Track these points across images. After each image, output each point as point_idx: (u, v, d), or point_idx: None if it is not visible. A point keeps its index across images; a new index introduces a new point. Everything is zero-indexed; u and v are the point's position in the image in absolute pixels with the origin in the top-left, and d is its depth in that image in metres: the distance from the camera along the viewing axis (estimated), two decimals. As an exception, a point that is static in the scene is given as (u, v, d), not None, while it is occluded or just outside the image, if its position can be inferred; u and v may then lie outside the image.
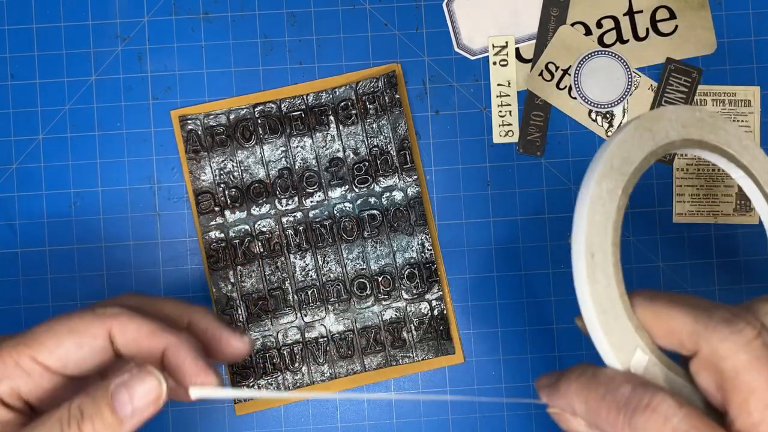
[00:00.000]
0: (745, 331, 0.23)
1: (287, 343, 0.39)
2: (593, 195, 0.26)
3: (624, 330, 0.26)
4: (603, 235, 0.26)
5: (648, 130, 0.28)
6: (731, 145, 0.30)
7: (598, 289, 0.26)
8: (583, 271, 0.26)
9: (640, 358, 0.25)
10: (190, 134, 0.40)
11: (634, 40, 0.41)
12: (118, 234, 0.40)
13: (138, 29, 0.41)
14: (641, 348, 0.26)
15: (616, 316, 0.26)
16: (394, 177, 0.40)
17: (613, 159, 0.27)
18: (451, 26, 0.41)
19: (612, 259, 0.26)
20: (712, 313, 0.24)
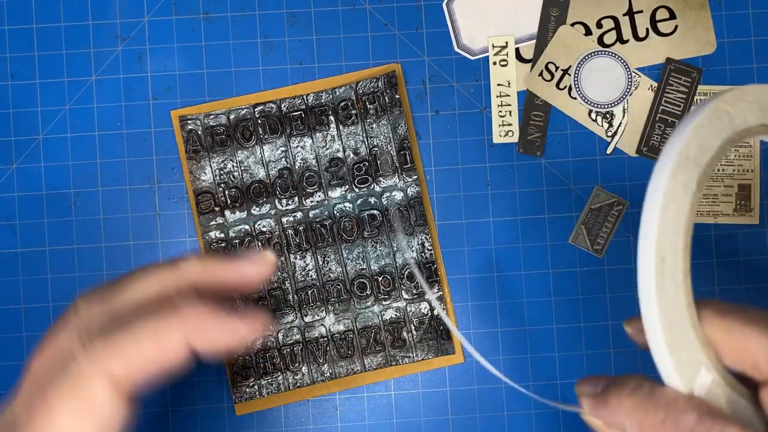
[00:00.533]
0: None
1: (287, 343, 0.40)
2: (667, 190, 0.23)
3: (689, 346, 0.23)
4: (675, 236, 0.23)
5: (727, 112, 0.24)
6: None
7: (667, 299, 0.23)
8: (652, 278, 0.23)
9: (705, 378, 0.23)
10: (190, 134, 0.40)
11: (634, 40, 0.41)
12: (118, 234, 0.40)
13: (138, 29, 0.41)
14: (706, 366, 0.23)
15: (683, 331, 0.23)
16: (394, 177, 0.40)
17: (690, 147, 0.24)
18: (451, 26, 0.41)
19: (683, 265, 0.23)
20: None
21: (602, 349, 0.40)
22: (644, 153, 0.40)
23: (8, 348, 0.40)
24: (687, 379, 0.23)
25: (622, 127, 0.40)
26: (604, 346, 0.40)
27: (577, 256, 0.40)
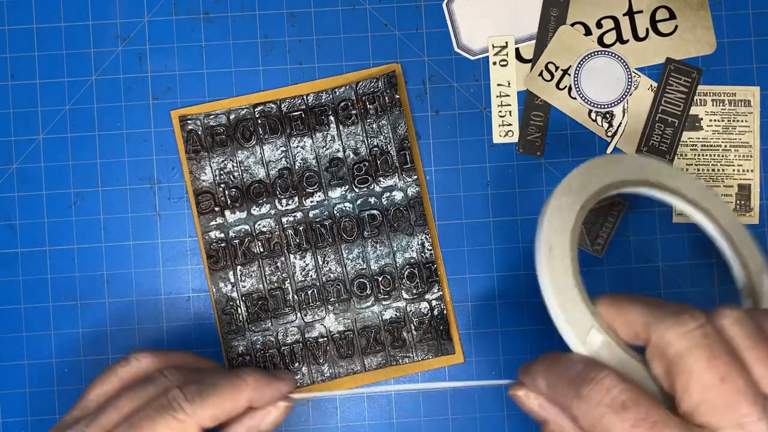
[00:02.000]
0: (687, 321, 0.26)
1: (287, 343, 0.40)
2: (553, 205, 0.31)
3: (580, 312, 0.29)
4: (561, 236, 0.30)
5: (605, 169, 0.33)
6: (689, 191, 0.34)
7: (556, 275, 0.29)
8: (542, 259, 0.30)
9: (595, 338, 0.28)
10: (190, 134, 0.40)
11: (634, 40, 0.41)
12: (118, 234, 0.40)
13: (138, 29, 0.41)
14: (596, 328, 0.28)
15: (573, 300, 0.29)
16: (394, 177, 0.40)
17: (572, 182, 0.32)
18: (451, 26, 0.41)
19: (570, 255, 0.30)
20: (663, 306, 0.27)
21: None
22: (644, 153, 0.40)
23: (8, 348, 0.40)
24: (580, 335, 0.28)
25: (622, 127, 0.40)
26: (604, 346, 0.40)
27: (577, 256, 0.40)
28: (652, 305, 0.27)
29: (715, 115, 0.41)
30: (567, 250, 0.30)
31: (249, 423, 0.33)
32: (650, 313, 0.27)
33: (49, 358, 0.40)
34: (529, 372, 0.30)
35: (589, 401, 0.26)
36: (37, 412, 0.40)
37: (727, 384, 0.25)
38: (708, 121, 0.41)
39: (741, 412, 0.24)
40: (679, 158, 0.40)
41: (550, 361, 0.29)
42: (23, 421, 0.40)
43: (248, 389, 0.32)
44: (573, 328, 0.29)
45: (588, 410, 0.26)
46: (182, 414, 0.30)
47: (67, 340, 0.40)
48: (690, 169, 0.41)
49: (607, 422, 0.25)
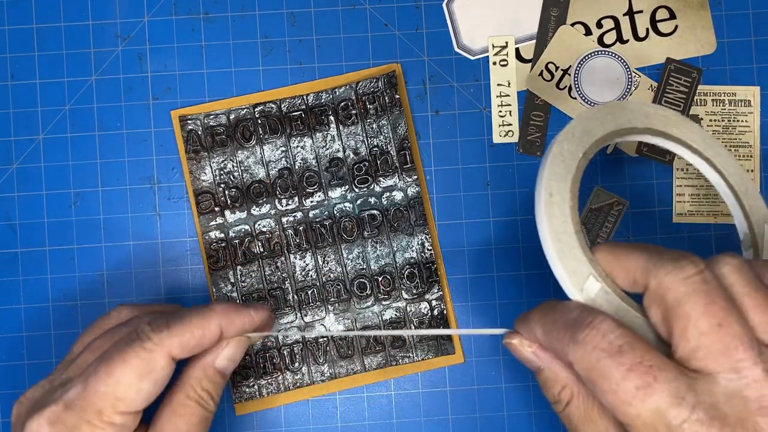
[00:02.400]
0: (687, 267, 0.26)
1: (287, 343, 0.40)
2: (555, 151, 0.30)
3: (578, 259, 0.29)
4: (562, 182, 0.30)
5: (610, 114, 0.32)
6: (695, 141, 0.33)
7: (555, 222, 0.29)
8: (542, 205, 0.29)
9: (593, 284, 0.28)
10: (190, 134, 0.40)
11: (634, 40, 0.41)
12: (118, 234, 0.40)
13: (138, 29, 0.41)
14: (594, 276, 0.28)
15: (571, 247, 0.29)
16: (394, 177, 0.40)
17: (575, 129, 0.31)
18: (451, 26, 0.41)
19: (570, 203, 0.29)
20: (663, 253, 0.27)
21: (602, 349, 0.40)
22: (644, 153, 0.40)
23: (8, 348, 0.40)
24: (577, 284, 0.28)
25: (622, 127, 0.40)
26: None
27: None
28: (652, 252, 0.27)
29: (715, 115, 0.41)
30: (567, 197, 0.30)
31: (203, 360, 0.33)
32: (650, 259, 0.27)
33: (49, 359, 0.40)
34: (525, 320, 0.30)
35: (585, 345, 0.26)
36: (37, 412, 0.40)
37: (723, 330, 0.25)
38: (708, 121, 0.41)
39: (737, 357, 0.25)
40: (679, 158, 0.40)
41: (546, 308, 0.29)
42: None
43: (216, 316, 0.32)
44: (570, 276, 0.28)
45: (584, 355, 0.26)
46: (150, 344, 0.31)
47: (67, 340, 0.40)
48: (690, 169, 0.41)
49: (603, 366, 0.25)
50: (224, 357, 0.34)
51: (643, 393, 0.24)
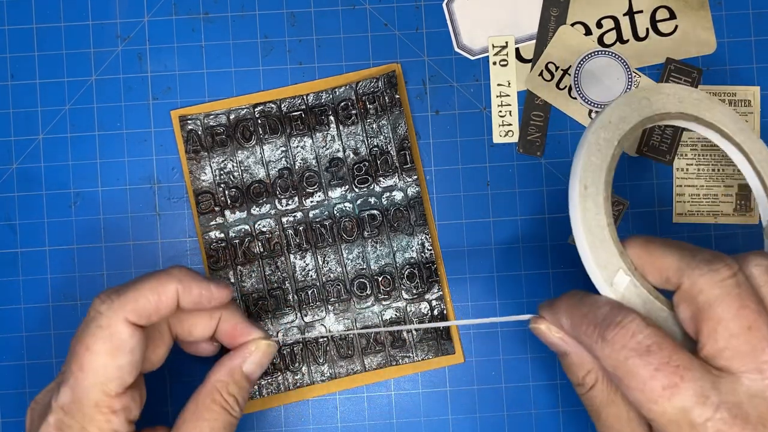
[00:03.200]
0: (722, 270, 0.26)
1: (287, 343, 0.39)
2: (591, 140, 0.30)
3: (608, 252, 0.29)
4: (597, 173, 0.30)
5: (646, 98, 0.32)
6: (726, 125, 0.33)
7: (588, 215, 0.29)
8: (576, 198, 0.29)
9: (622, 278, 0.29)
10: (190, 134, 0.40)
11: (634, 40, 0.41)
12: (118, 234, 0.40)
13: (138, 29, 0.41)
14: (623, 270, 0.29)
15: (603, 240, 0.29)
16: (394, 177, 0.40)
17: (612, 116, 0.31)
18: (451, 26, 0.41)
19: (603, 194, 0.30)
20: (696, 253, 0.27)
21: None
22: (644, 153, 0.40)
23: (8, 348, 0.40)
24: (607, 278, 0.29)
25: (622, 127, 0.40)
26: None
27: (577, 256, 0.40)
28: (685, 251, 0.28)
29: (715, 115, 0.41)
30: (601, 188, 0.30)
31: (230, 363, 0.33)
32: (683, 259, 0.27)
33: (49, 359, 0.40)
34: (552, 309, 0.30)
35: (614, 344, 0.26)
36: (37, 412, 0.40)
37: (753, 332, 0.25)
38: (708, 121, 0.41)
39: (763, 358, 0.25)
40: (679, 158, 0.40)
41: (574, 300, 0.29)
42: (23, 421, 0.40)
43: (173, 280, 0.31)
44: (601, 270, 0.29)
45: (612, 353, 0.26)
46: (103, 319, 0.30)
47: (67, 340, 0.40)
48: (690, 169, 0.41)
49: (631, 365, 0.26)
50: (252, 362, 0.33)
51: (670, 392, 0.25)
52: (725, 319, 0.26)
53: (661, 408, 0.25)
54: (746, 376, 0.25)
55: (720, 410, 0.25)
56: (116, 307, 0.30)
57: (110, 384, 0.30)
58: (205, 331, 0.34)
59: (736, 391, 0.25)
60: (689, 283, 0.27)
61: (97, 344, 0.30)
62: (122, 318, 0.30)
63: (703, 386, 0.25)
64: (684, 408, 0.25)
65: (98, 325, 0.30)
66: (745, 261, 0.27)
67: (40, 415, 0.31)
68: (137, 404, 0.31)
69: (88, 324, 0.30)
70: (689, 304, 0.27)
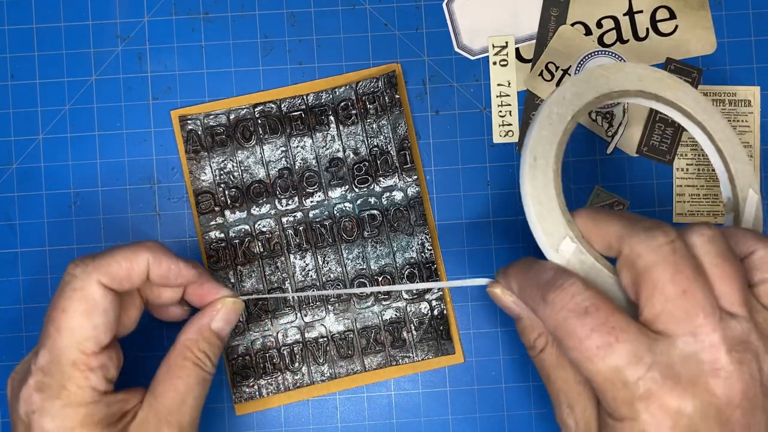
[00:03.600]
0: (659, 237, 0.27)
1: (287, 343, 0.39)
2: (543, 114, 0.31)
3: (556, 221, 0.30)
4: (548, 146, 0.31)
5: (604, 76, 0.32)
6: (687, 104, 0.33)
7: (537, 185, 0.30)
8: (526, 168, 0.30)
9: (568, 244, 0.30)
10: (190, 134, 0.40)
11: (634, 40, 0.41)
12: (118, 234, 0.40)
13: (138, 29, 0.41)
14: (570, 237, 0.30)
15: (550, 210, 0.30)
16: (394, 177, 0.40)
17: (566, 92, 0.31)
18: (451, 26, 0.41)
19: (553, 167, 0.30)
20: (638, 222, 0.28)
21: (602, 349, 0.40)
22: (644, 153, 0.40)
23: (8, 348, 0.40)
24: (554, 245, 0.30)
25: (622, 127, 0.40)
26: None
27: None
28: (629, 219, 0.29)
29: (715, 115, 0.41)
30: (551, 161, 0.30)
31: (199, 322, 0.34)
32: (625, 227, 0.28)
33: (49, 358, 0.40)
34: (505, 274, 0.32)
35: (554, 305, 0.28)
36: (37, 412, 0.40)
37: (687, 297, 0.26)
38: (708, 121, 0.41)
39: (697, 322, 0.26)
40: (679, 158, 0.40)
41: (523, 265, 0.31)
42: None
43: (145, 251, 0.33)
44: (547, 237, 0.30)
45: (552, 313, 0.28)
46: (77, 282, 0.31)
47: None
48: (690, 169, 0.41)
49: (569, 325, 0.27)
50: (219, 319, 0.35)
51: (604, 352, 0.26)
52: (661, 283, 0.26)
53: (596, 367, 0.26)
54: (681, 339, 0.26)
55: (652, 370, 0.26)
56: (90, 270, 0.31)
57: (86, 343, 0.31)
58: (174, 294, 0.35)
59: (670, 354, 0.26)
60: (629, 249, 0.28)
61: (73, 305, 0.31)
62: (96, 280, 0.31)
63: (638, 347, 0.26)
64: (617, 367, 0.26)
65: (72, 287, 0.31)
66: (690, 231, 0.28)
67: (20, 381, 0.32)
68: (114, 364, 0.32)
69: (63, 288, 0.32)
70: (629, 269, 0.28)
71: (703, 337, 0.26)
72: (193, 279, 0.34)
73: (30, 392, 0.31)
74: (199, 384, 0.33)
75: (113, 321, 0.32)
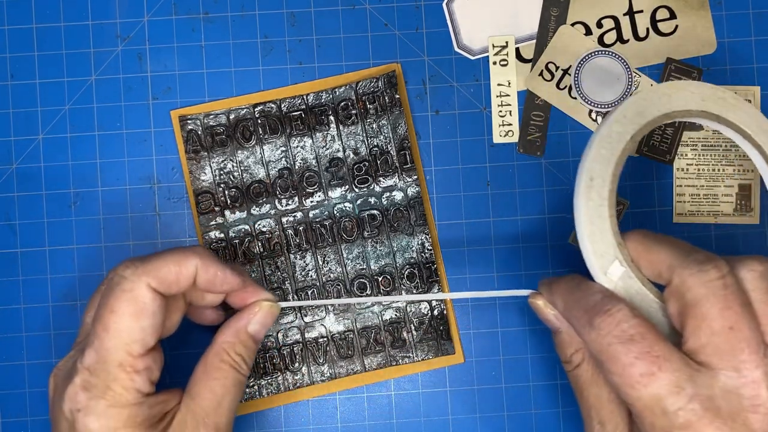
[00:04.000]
0: (711, 271, 0.27)
1: (287, 343, 0.39)
2: (603, 133, 0.31)
3: (607, 243, 0.30)
4: (605, 165, 0.30)
5: (667, 95, 0.32)
6: (748, 125, 0.33)
7: (591, 205, 0.30)
8: (582, 188, 0.30)
9: (617, 268, 0.30)
10: (190, 134, 0.40)
11: (634, 40, 0.41)
12: (118, 234, 0.40)
13: (138, 29, 0.41)
14: (619, 260, 0.30)
15: (602, 231, 0.30)
16: (394, 177, 0.40)
17: (628, 110, 0.31)
18: (451, 26, 0.41)
19: (609, 187, 0.30)
20: (690, 253, 0.29)
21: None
22: (645, 153, 0.40)
23: (8, 348, 0.40)
24: (603, 267, 0.30)
25: (622, 127, 0.40)
26: (604, 346, 0.40)
27: (577, 256, 0.40)
28: (680, 249, 0.29)
29: (716, 115, 0.41)
30: (608, 181, 0.30)
31: (236, 325, 0.34)
32: (677, 257, 0.28)
33: (49, 359, 0.40)
34: (550, 288, 0.32)
35: (600, 330, 0.28)
36: (37, 411, 0.40)
37: (734, 332, 0.27)
38: (708, 121, 0.41)
39: (741, 357, 0.26)
40: (679, 158, 0.40)
41: (571, 284, 0.31)
42: (23, 421, 0.40)
43: (194, 256, 0.33)
44: (597, 259, 0.30)
45: (597, 338, 0.28)
46: (127, 283, 0.31)
47: (67, 340, 0.40)
48: (690, 169, 0.41)
49: (613, 351, 0.27)
50: (256, 322, 0.35)
51: (647, 380, 0.26)
52: (709, 317, 0.27)
53: (638, 393, 0.27)
54: (723, 372, 0.26)
55: (693, 401, 0.26)
56: (140, 272, 0.32)
57: (133, 345, 0.31)
58: (216, 298, 0.36)
59: (712, 386, 0.26)
60: (679, 280, 0.28)
61: (122, 306, 0.31)
62: (145, 283, 0.31)
63: (680, 377, 0.26)
64: (658, 395, 0.26)
65: (122, 288, 0.31)
66: (741, 264, 0.28)
67: (65, 379, 0.32)
68: (158, 366, 0.32)
69: (113, 288, 0.32)
70: (677, 299, 0.28)
71: (746, 373, 0.26)
72: (237, 286, 0.34)
73: (76, 390, 0.31)
74: (235, 386, 0.33)
75: (160, 324, 0.32)
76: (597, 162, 0.30)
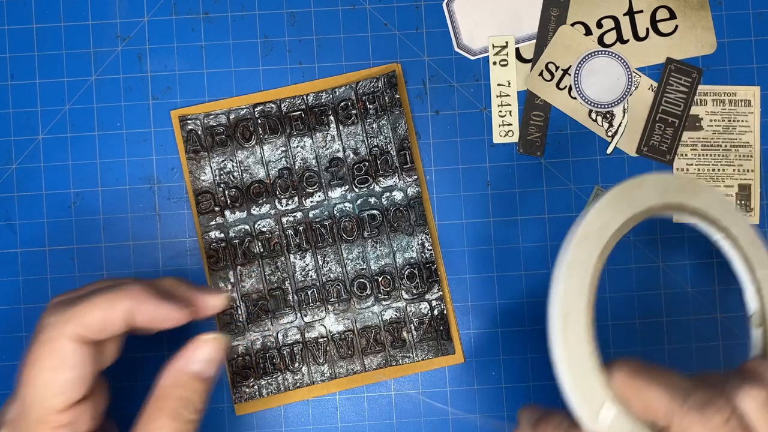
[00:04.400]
0: (715, 418, 0.26)
1: (287, 343, 0.39)
2: (569, 261, 0.28)
3: (593, 385, 0.28)
4: (578, 296, 0.28)
5: (626, 199, 0.30)
6: (711, 209, 0.31)
7: (569, 344, 0.28)
8: (558, 327, 0.28)
9: (608, 412, 0.27)
10: (190, 134, 0.40)
11: (634, 40, 0.41)
12: (118, 234, 0.40)
13: (138, 29, 0.41)
14: (609, 402, 0.28)
15: (586, 372, 0.28)
16: (394, 177, 0.40)
17: (591, 225, 0.29)
18: (451, 26, 0.41)
19: (585, 320, 0.28)
20: (688, 395, 0.27)
21: (603, 349, 0.40)
22: (644, 153, 0.40)
23: (8, 348, 0.40)
24: (592, 411, 0.27)
25: (622, 127, 0.40)
26: (605, 346, 0.40)
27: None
28: (676, 390, 0.27)
29: (716, 115, 0.41)
30: (583, 314, 0.28)
31: (174, 366, 0.31)
32: (673, 401, 0.27)
33: (48, 358, 0.40)
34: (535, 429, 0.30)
35: None
36: (37, 412, 0.40)
37: None
38: (708, 121, 0.41)
39: None
40: (679, 158, 0.40)
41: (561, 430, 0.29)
42: (23, 421, 0.40)
43: (125, 299, 0.30)
44: (586, 404, 0.28)
45: None
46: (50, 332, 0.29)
47: (67, 340, 0.40)
48: (690, 169, 0.41)
49: None
50: (198, 360, 0.31)
51: None
52: None
53: None
54: None
55: None
56: (64, 320, 0.29)
57: (54, 400, 0.29)
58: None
59: None
60: (680, 428, 0.26)
61: (41, 359, 0.29)
62: (68, 333, 0.29)
63: None
64: None
65: (43, 339, 0.29)
66: (741, 395, 0.27)
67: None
68: (90, 416, 0.30)
69: (36, 336, 0.30)
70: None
71: None
72: (183, 320, 0.32)
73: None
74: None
75: (88, 374, 0.29)
76: (569, 296, 0.28)
